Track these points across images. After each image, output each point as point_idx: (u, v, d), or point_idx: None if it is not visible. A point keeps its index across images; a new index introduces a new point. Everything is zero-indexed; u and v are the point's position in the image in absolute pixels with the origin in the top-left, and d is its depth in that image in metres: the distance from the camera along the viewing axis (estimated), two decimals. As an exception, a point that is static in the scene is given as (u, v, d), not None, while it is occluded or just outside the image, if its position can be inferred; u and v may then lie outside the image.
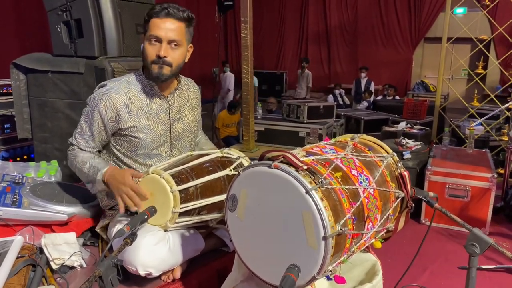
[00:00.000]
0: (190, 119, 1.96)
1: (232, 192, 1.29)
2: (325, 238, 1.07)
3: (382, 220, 1.29)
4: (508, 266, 2.51)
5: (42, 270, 1.60)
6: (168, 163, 1.73)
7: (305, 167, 1.15)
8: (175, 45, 1.72)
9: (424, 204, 3.15)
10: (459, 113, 6.58)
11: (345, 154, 1.30)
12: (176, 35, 1.71)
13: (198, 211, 1.68)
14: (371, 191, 1.25)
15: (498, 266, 2.52)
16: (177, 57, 1.74)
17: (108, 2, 2.59)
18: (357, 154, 1.34)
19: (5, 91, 3.62)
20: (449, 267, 2.58)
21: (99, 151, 1.88)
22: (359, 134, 1.49)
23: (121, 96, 1.76)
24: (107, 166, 1.72)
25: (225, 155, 1.83)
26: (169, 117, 1.86)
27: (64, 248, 1.73)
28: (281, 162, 1.19)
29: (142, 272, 1.56)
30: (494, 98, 4.12)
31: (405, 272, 1.56)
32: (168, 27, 1.69)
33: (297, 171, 1.14)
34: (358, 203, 1.18)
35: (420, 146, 3.50)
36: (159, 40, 1.70)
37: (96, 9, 2.57)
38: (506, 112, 3.99)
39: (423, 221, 3.19)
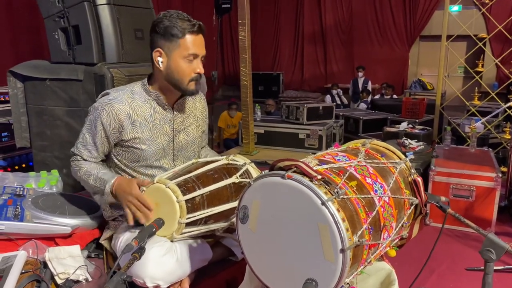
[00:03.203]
0: (194, 129, 1.92)
1: (243, 203, 1.26)
2: (343, 251, 1.04)
3: (397, 228, 1.27)
4: (517, 266, 2.49)
5: (47, 285, 1.57)
6: (174, 172, 1.70)
7: (319, 176, 1.11)
8: (203, 58, 1.72)
9: (429, 204, 3.13)
10: (455, 111, 6.58)
11: (358, 162, 1.27)
12: (205, 50, 1.72)
13: (205, 220, 1.64)
14: (386, 199, 1.22)
15: (506, 267, 2.49)
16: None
17: (106, 7, 2.55)
18: (370, 161, 1.31)
19: (2, 99, 3.58)
20: (456, 269, 2.54)
21: (102, 161, 1.84)
22: (369, 140, 1.46)
23: (124, 107, 1.71)
24: (114, 177, 1.69)
25: (230, 162, 1.80)
26: (173, 128, 1.82)
27: (68, 262, 1.69)
28: (294, 171, 1.15)
29: (150, 285, 1.52)
30: (495, 97, 4.10)
31: (416, 278, 1.53)
32: (202, 43, 1.69)
33: (311, 181, 1.11)
34: (374, 213, 1.15)
35: (422, 146, 3.48)
36: (195, 56, 1.68)
37: (94, 15, 2.53)
38: (508, 110, 3.97)
39: (428, 221, 3.16)
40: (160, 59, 1.69)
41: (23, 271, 1.59)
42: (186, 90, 1.73)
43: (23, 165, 3.53)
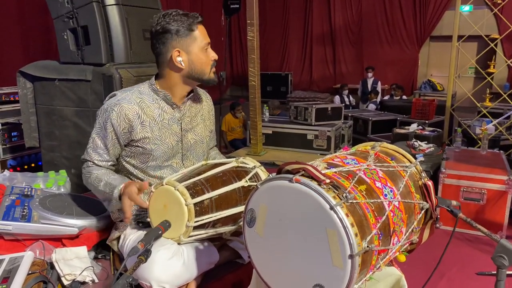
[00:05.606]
0: (202, 129, 1.91)
1: (250, 207, 1.24)
2: (351, 256, 1.02)
3: (407, 234, 1.24)
4: (530, 271, 2.43)
5: (53, 286, 1.56)
6: (183, 174, 1.68)
7: (327, 180, 1.09)
8: None
9: (439, 208, 3.08)
10: (466, 112, 6.50)
11: (367, 165, 1.24)
12: None
13: (213, 224, 1.63)
14: (396, 203, 1.19)
15: (518, 272, 2.45)
16: None
17: (115, 8, 2.55)
18: (380, 164, 1.28)
19: (12, 98, 3.61)
20: (467, 273, 2.51)
21: (114, 165, 1.83)
22: (379, 143, 1.44)
23: (133, 106, 1.71)
24: (123, 182, 1.66)
25: (240, 164, 1.78)
26: (181, 128, 1.81)
27: (75, 263, 1.68)
28: (302, 175, 1.13)
29: (156, 288, 1.51)
30: (507, 98, 4.04)
31: (425, 283, 1.51)
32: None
33: (319, 185, 1.08)
34: (384, 218, 1.12)
35: (433, 148, 3.44)
36: (209, 44, 1.75)
37: (103, 16, 2.54)
38: (520, 112, 3.93)
39: (438, 224, 3.11)
40: (180, 58, 1.70)
41: (30, 272, 1.59)
42: (209, 80, 1.78)
43: (32, 165, 3.55)
